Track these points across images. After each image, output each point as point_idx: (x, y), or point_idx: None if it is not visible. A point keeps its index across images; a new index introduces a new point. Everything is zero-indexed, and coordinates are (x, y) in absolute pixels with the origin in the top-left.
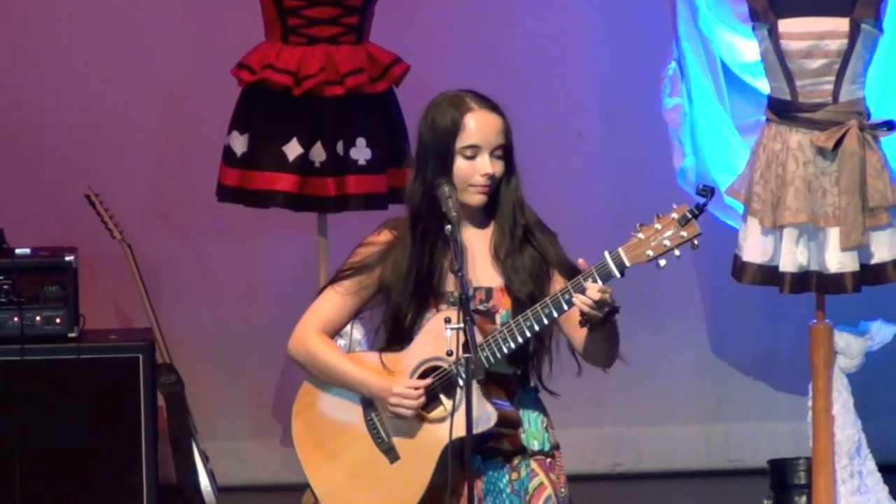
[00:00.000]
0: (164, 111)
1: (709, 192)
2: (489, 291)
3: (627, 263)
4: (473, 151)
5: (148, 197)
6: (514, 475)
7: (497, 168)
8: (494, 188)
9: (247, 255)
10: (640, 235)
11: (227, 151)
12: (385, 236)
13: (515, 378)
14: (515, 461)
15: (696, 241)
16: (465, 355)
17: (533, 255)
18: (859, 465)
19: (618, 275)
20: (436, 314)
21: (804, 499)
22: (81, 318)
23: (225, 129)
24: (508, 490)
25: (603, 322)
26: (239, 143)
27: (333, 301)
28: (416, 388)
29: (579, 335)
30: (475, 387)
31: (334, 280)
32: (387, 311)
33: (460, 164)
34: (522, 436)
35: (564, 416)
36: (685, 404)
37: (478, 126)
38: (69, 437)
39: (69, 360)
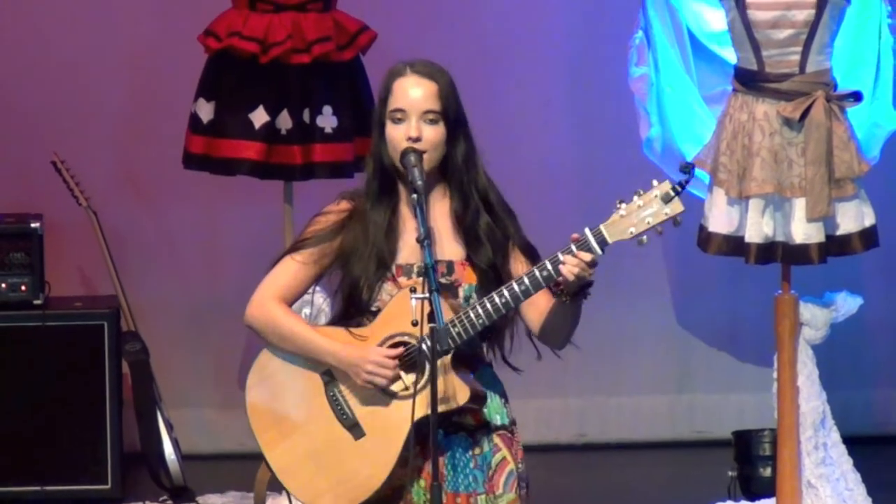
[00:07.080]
0: (130, 78)
1: (690, 168)
2: (450, 265)
3: (609, 241)
4: (401, 115)
5: (114, 164)
6: (477, 450)
7: (428, 133)
8: (440, 156)
9: (213, 223)
10: (622, 212)
11: (194, 119)
12: (344, 206)
13: (477, 354)
14: (478, 436)
15: (678, 218)
16: (431, 325)
17: (490, 224)
18: (824, 437)
19: (599, 251)
20: (395, 288)
21: (769, 470)
22: (47, 285)
23: (191, 96)
24: (472, 465)
25: (577, 293)
26: (205, 111)
27: (292, 269)
28: (391, 357)
29: (539, 313)
30: (447, 363)
31: (293, 249)
32: (344, 281)
33: (389, 129)
34: (485, 411)
35: (529, 386)
36: (650, 375)
37: (402, 90)
38: (33, 403)
39: (34, 327)
